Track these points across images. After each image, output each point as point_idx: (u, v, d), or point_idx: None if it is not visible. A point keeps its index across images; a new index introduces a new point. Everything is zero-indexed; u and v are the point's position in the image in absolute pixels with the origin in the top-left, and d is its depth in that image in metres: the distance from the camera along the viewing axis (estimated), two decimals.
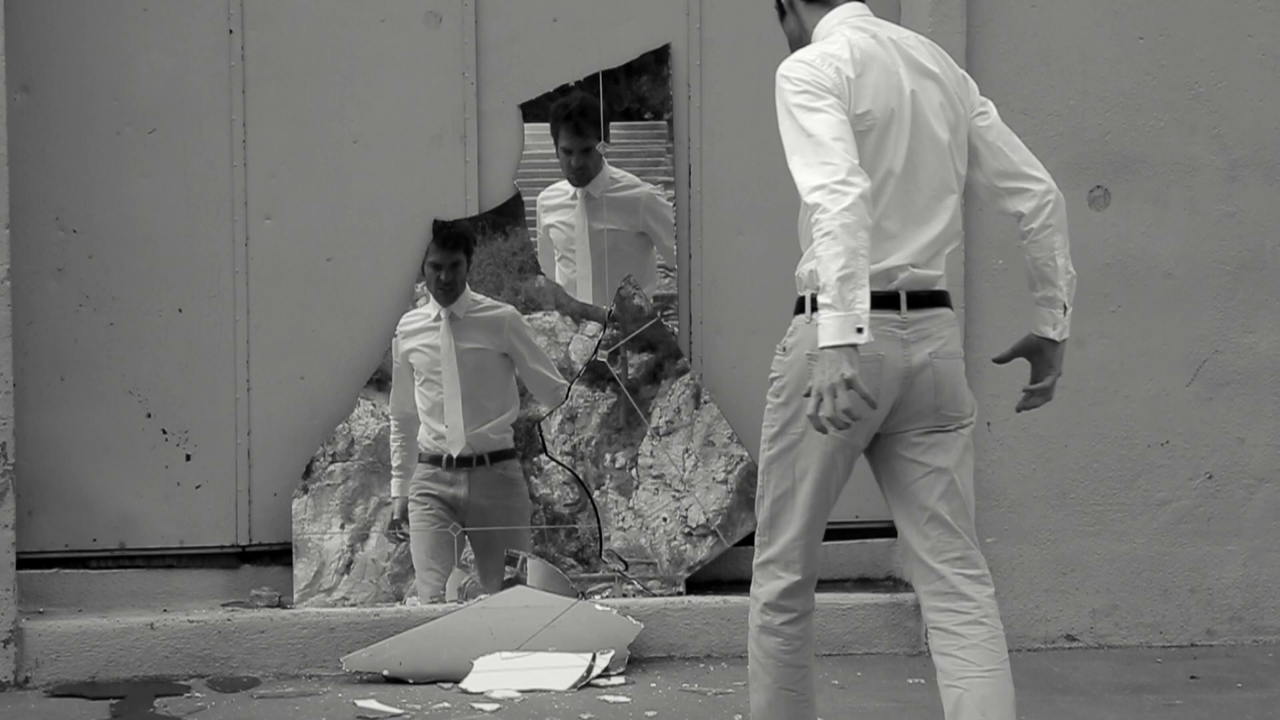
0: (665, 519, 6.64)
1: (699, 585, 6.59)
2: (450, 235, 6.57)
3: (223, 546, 6.57)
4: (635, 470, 6.65)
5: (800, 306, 4.43)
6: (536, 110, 6.67)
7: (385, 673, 6.16)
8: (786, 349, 4.43)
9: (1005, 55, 6.55)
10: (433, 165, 6.60)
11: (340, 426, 6.55)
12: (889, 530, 6.73)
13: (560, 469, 6.63)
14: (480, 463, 6.60)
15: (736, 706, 5.86)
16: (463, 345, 6.58)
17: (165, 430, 6.50)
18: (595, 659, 6.19)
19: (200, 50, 6.47)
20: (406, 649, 6.17)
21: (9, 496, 6.08)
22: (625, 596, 6.53)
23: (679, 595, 6.56)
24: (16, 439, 6.15)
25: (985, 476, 6.58)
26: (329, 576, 6.49)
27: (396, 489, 6.55)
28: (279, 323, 6.54)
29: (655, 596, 6.55)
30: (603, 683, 6.15)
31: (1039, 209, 4.55)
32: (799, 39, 4.57)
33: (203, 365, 6.51)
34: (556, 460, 6.62)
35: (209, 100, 6.48)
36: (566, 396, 6.65)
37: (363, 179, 6.58)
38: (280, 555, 6.55)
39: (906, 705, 5.97)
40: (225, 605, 6.45)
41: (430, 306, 6.58)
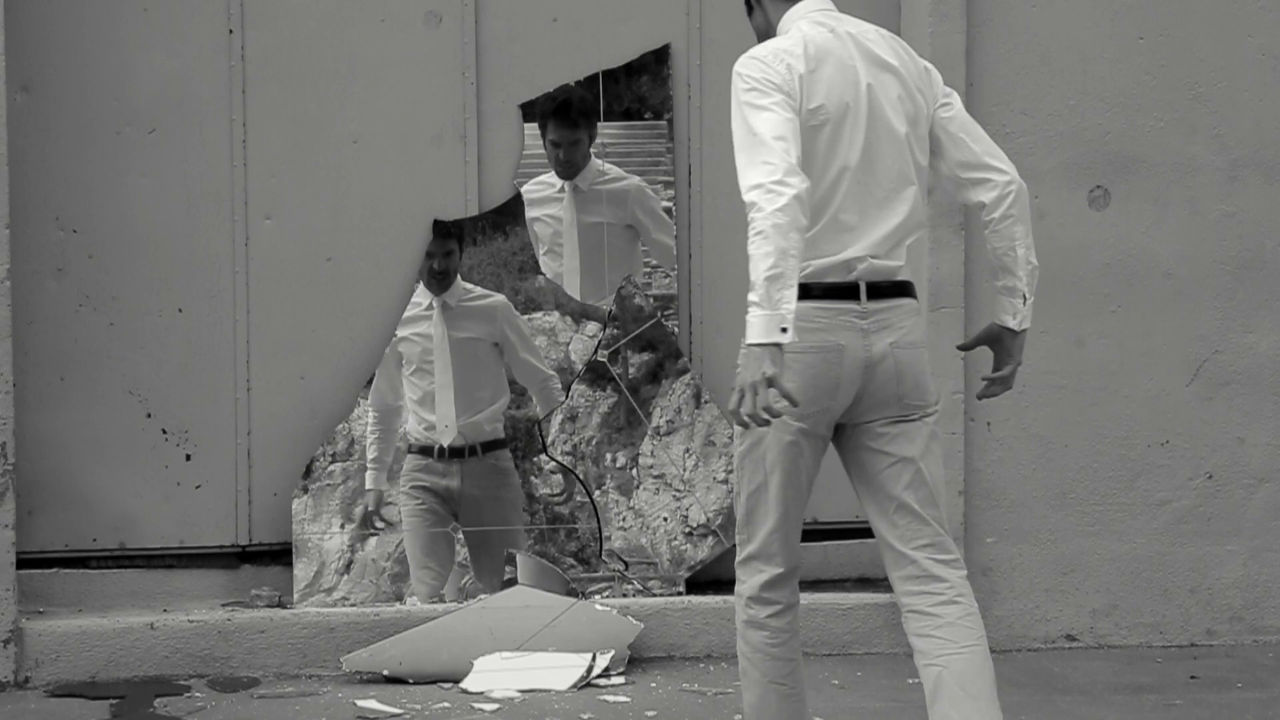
0: (666, 519, 6.64)
1: (699, 585, 6.59)
2: (443, 224, 6.58)
3: (223, 546, 6.57)
4: (636, 470, 6.65)
5: None
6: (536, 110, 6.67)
7: (385, 673, 6.16)
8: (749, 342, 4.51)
9: (1005, 55, 6.55)
10: (433, 165, 6.60)
11: (340, 426, 6.55)
12: None
13: (558, 468, 6.63)
14: (472, 453, 6.60)
15: (736, 706, 5.86)
16: (456, 334, 6.59)
17: (165, 430, 6.50)
18: (595, 659, 6.19)
19: (200, 50, 6.47)
20: (406, 649, 6.17)
21: (9, 496, 6.08)
22: (625, 596, 6.53)
23: (679, 595, 6.56)
24: (17, 439, 6.15)
25: (985, 476, 6.58)
26: (329, 576, 6.49)
27: (371, 481, 6.54)
28: (279, 323, 6.55)
29: (655, 596, 6.55)
30: (603, 683, 6.15)
31: (1000, 199, 4.60)
32: (766, 33, 4.65)
33: (203, 365, 6.51)
34: (556, 460, 6.63)
35: (209, 100, 6.48)
36: (567, 396, 6.65)
37: (363, 179, 6.58)
38: (280, 555, 6.55)
39: (906, 705, 5.97)
40: (225, 605, 6.45)
41: (421, 295, 6.58)
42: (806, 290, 4.40)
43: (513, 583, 6.50)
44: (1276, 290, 6.73)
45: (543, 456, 6.64)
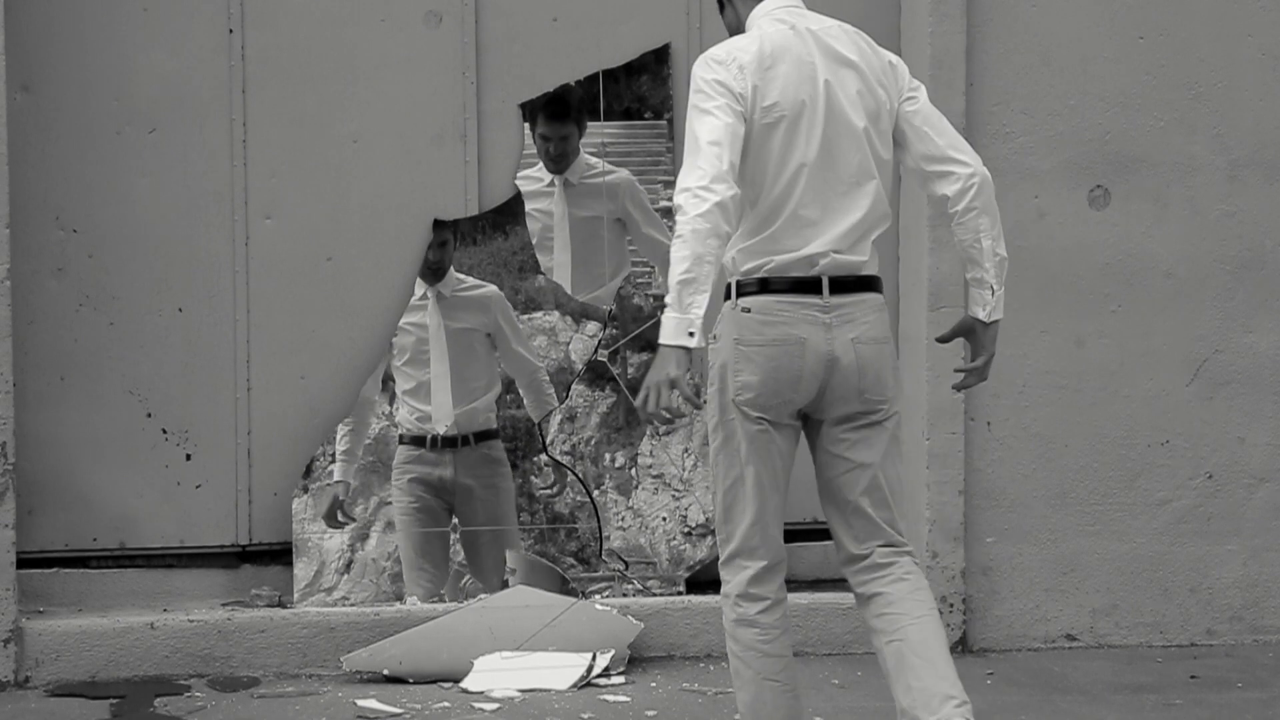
0: (665, 518, 6.64)
1: (699, 585, 6.59)
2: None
3: (223, 546, 6.57)
4: (635, 470, 6.65)
5: (727, 293, 4.59)
6: None
7: (385, 672, 6.16)
8: (717, 337, 4.61)
9: (1005, 55, 6.55)
10: (433, 165, 6.60)
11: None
12: None
13: (549, 461, 6.63)
14: (465, 443, 6.60)
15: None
16: (451, 324, 6.59)
17: (165, 430, 6.50)
18: (595, 658, 6.19)
19: (200, 50, 6.47)
20: (406, 648, 6.17)
21: (9, 496, 6.08)
22: (625, 596, 6.53)
23: (679, 595, 6.56)
24: (17, 438, 6.15)
25: (985, 476, 6.58)
26: (329, 576, 6.49)
27: (339, 473, 6.53)
28: (279, 322, 6.55)
29: (655, 596, 6.55)
30: (603, 682, 6.15)
31: (963, 191, 4.64)
32: (736, 30, 4.72)
33: (203, 365, 6.51)
34: (559, 463, 6.62)
35: (209, 100, 6.48)
36: (566, 396, 6.64)
37: (363, 179, 6.58)
38: (280, 555, 6.55)
39: None
40: (225, 605, 6.46)
41: (415, 285, 6.58)
42: (769, 285, 4.51)
43: (511, 582, 6.51)
44: (1277, 290, 6.73)
45: (542, 456, 6.64)
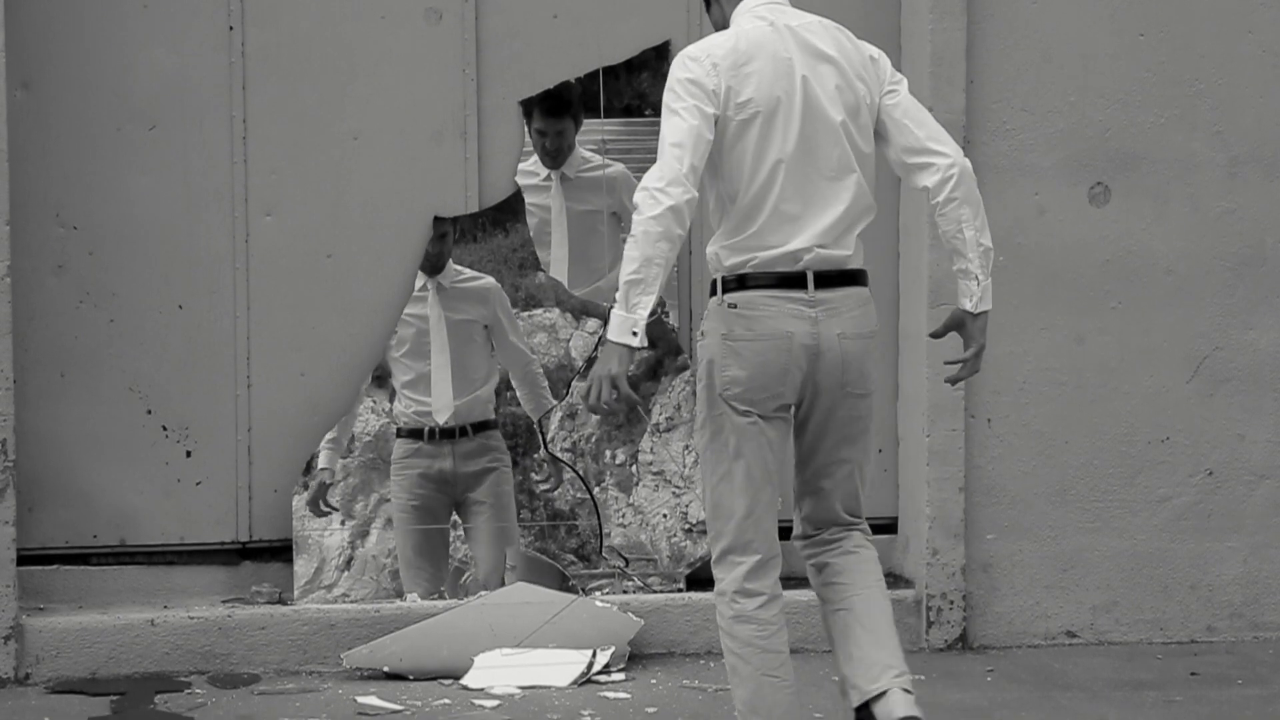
0: (665, 515, 6.64)
1: (699, 582, 6.58)
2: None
3: (223, 543, 6.57)
4: (635, 467, 6.66)
5: (713, 289, 4.64)
6: None
7: (386, 669, 6.16)
8: (704, 334, 4.65)
9: (1006, 52, 6.55)
10: (433, 162, 6.60)
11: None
12: (889, 527, 6.74)
13: (547, 456, 6.63)
14: (463, 433, 6.60)
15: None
16: (451, 316, 6.59)
17: (166, 427, 6.50)
18: (595, 655, 6.19)
19: (200, 47, 6.47)
20: (407, 645, 6.17)
21: (9, 493, 6.08)
22: (625, 593, 6.53)
23: (679, 592, 6.56)
24: (17, 435, 6.15)
25: (985, 473, 6.58)
26: (329, 573, 6.49)
27: (325, 460, 6.53)
28: (279, 319, 6.54)
29: (655, 593, 6.55)
30: (603, 679, 6.15)
31: (943, 182, 4.67)
32: (722, 27, 4.75)
33: (203, 362, 6.51)
34: (556, 457, 6.62)
35: (209, 97, 6.48)
36: (566, 393, 6.64)
37: (363, 175, 6.58)
38: (281, 552, 6.55)
39: None
40: (226, 602, 6.45)
41: (415, 277, 6.58)
42: (754, 280, 4.56)
43: (511, 579, 6.51)
44: (1277, 287, 6.73)
45: (542, 452, 6.64)
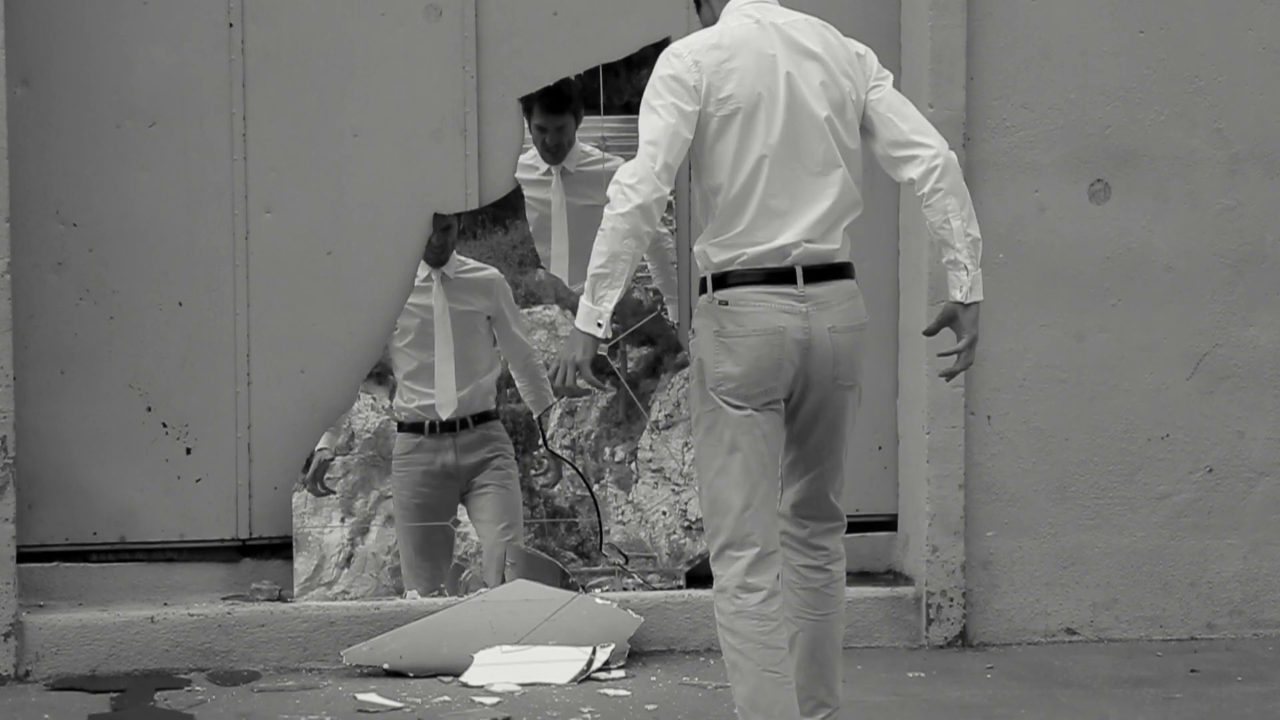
0: (665, 512, 6.64)
1: (699, 579, 6.58)
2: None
3: (223, 540, 6.57)
4: (635, 464, 6.65)
5: (702, 287, 4.68)
6: None
7: (385, 666, 6.16)
8: (695, 331, 4.69)
9: (1006, 49, 6.55)
10: (433, 159, 6.60)
11: (341, 420, 6.55)
12: (889, 524, 6.74)
13: (547, 453, 6.63)
14: (464, 426, 6.60)
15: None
16: (455, 307, 6.59)
17: (166, 424, 6.50)
18: (595, 652, 6.19)
19: (200, 44, 6.47)
20: (406, 643, 6.17)
21: (9, 490, 6.08)
22: (625, 590, 6.53)
23: (679, 589, 6.56)
24: (17, 433, 6.15)
25: (985, 470, 6.58)
26: (329, 570, 6.49)
27: (325, 440, 6.53)
28: (279, 316, 6.54)
29: (655, 590, 6.55)
30: (603, 676, 6.15)
31: (928, 173, 4.69)
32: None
33: (203, 359, 6.51)
34: (556, 454, 6.62)
35: (209, 94, 6.48)
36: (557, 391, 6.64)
37: (363, 173, 6.57)
38: (281, 549, 6.55)
39: (906, 699, 5.97)
40: (225, 599, 6.46)
41: (419, 268, 6.58)
42: (744, 277, 4.60)
43: (511, 577, 6.51)
44: (1277, 284, 6.73)
45: (541, 450, 6.64)
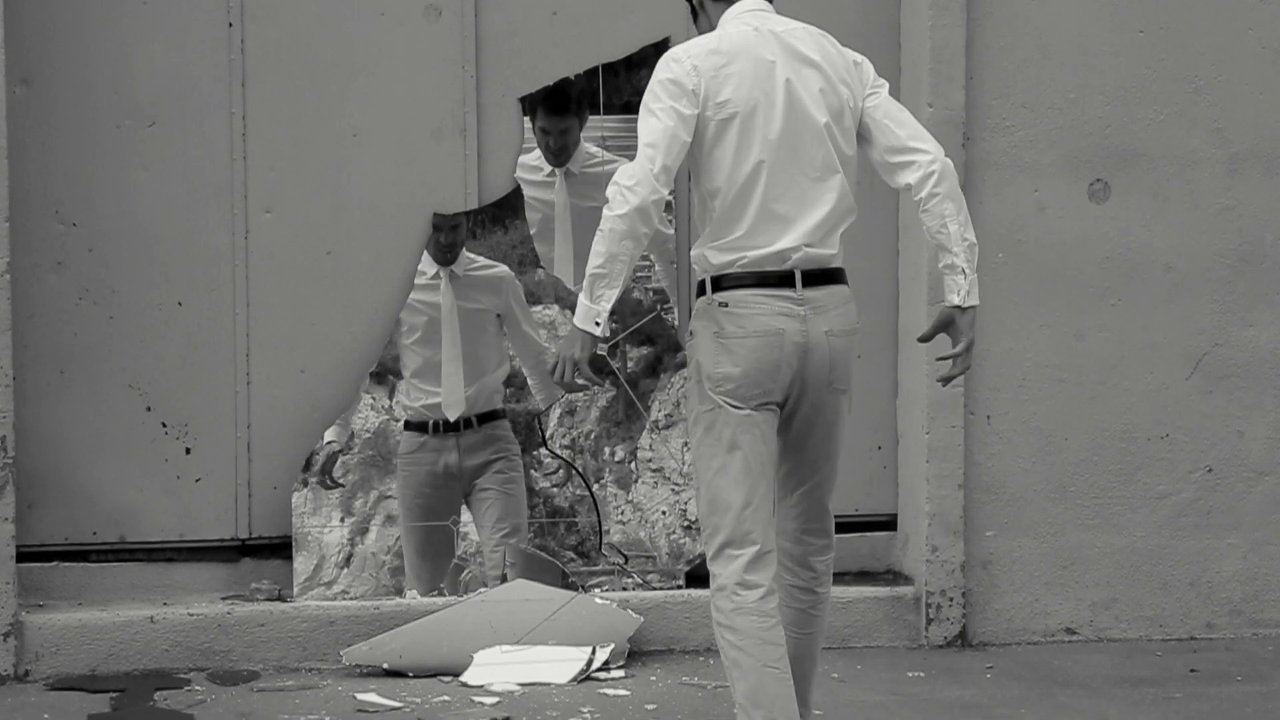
0: (664, 512, 6.64)
1: (699, 579, 6.58)
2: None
3: (223, 540, 6.57)
4: (634, 464, 6.66)
5: (700, 289, 4.71)
6: None
7: (385, 666, 6.16)
8: (694, 333, 4.72)
9: (1005, 49, 6.55)
10: (432, 159, 6.60)
11: (341, 419, 6.55)
12: (889, 524, 6.74)
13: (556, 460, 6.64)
14: (469, 425, 6.60)
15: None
16: (464, 305, 6.58)
17: (165, 424, 6.50)
18: (595, 652, 6.19)
19: (200, 44, 6.47)
20: (406, 642, 6.17)
21: (9, 490, 6.08)
22: (625, 590, 6.53)
23: (679, 588, 6.56)
24: (16, 432, 6.15)
25: (985, 470, 6.58)
26: (329, 570, 6.49)
27: (333, 433, 6.52)
28: (279, 316, 6.54)
29: (655, 590, 6.55)
30: (602, 676, 6.15)
31: (925, 178, 4.73)
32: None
33: (203, 359, 6.51)
34: (556, 454, 6.62)
35: (209, 94, 6.48)
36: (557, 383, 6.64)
37: (363, 172, 6.57)
38: (280, 548, 6.55)
39: (906, 698, 5.97)
40: (225, 599, 6.45)
41: (427, 264, 6.57)
42: (743, 279, 4.64)
43: (511, 576, 6.51)
44: (1276, 284, 6.73)
45: (542, 450, 6.64)
